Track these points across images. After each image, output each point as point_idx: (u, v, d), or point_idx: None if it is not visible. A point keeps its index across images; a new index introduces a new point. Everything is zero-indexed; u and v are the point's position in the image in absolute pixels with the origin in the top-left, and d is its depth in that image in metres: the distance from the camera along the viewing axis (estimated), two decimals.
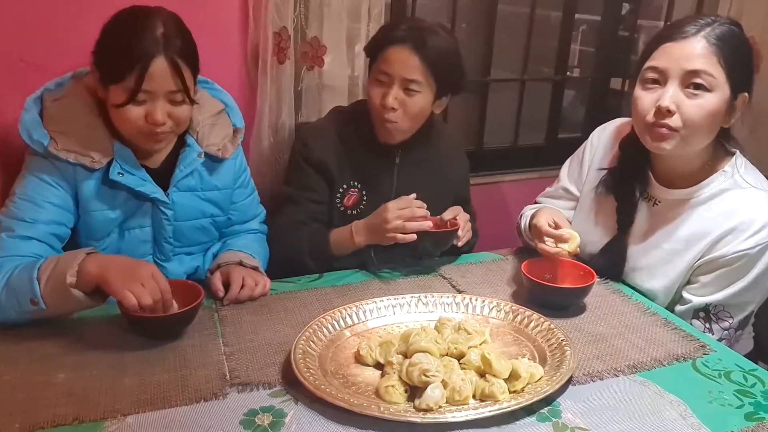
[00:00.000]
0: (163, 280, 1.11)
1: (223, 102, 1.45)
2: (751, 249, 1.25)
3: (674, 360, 1.13)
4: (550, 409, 0.99)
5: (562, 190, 1.59)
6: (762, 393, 1.05)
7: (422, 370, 0.99)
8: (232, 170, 1.44)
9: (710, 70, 1.20)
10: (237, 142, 1.43)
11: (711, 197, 1.30)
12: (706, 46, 1.21)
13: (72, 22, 1.22)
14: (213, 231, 1.46)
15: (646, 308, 1.31)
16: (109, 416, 0.94)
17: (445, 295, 1.28)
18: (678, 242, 1.33)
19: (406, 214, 1.36)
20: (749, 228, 1.25)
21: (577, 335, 1.20)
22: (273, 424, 0.94)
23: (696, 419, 0.97)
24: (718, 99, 1.22)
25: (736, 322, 1.30)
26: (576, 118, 2.77)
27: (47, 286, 1.10)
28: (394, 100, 1.44)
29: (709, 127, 1.25)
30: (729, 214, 1.28)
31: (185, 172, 1.34)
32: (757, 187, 1.29)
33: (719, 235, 1.28)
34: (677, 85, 1.23)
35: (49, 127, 1.23)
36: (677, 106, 1.22)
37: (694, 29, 1.23)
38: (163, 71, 1.18)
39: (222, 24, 1.73)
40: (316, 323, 1.15)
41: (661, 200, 1.37)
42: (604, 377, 1.07)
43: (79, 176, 1.25)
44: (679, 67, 1.22)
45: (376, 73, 1.47)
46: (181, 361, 1.08)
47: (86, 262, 1.10)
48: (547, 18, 2.54)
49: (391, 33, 1.46)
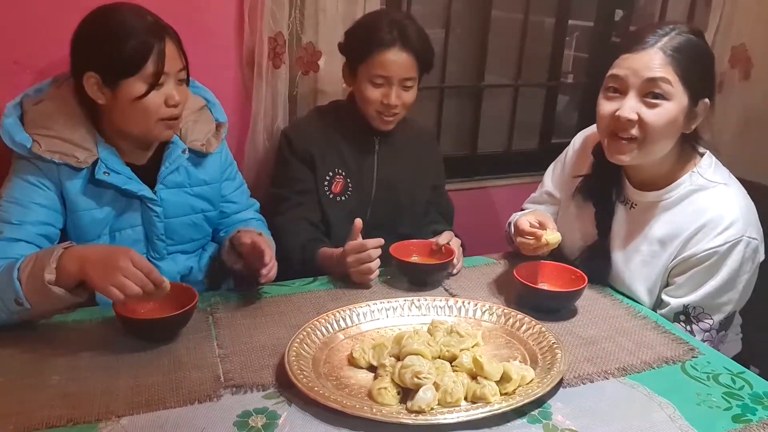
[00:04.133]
0: (143, 262, 1.09)
1: (204, 98, 1.48)
2: (720, 246, 1.26)
3: (663, 363, 1.15)
4: (541, 411, 1.00)
5: (545, 194, 1.62)
6: (750, 395, 1.06)
7: (414, 372, 1.00)
8: (218, 164, 1.47)
9: (667, 78, 1.23)
10: (220, 136, 1.46)
11: (682, 198, 1.33)
12: (662, 57, 1.23)
13: (67, 24, 1.22)
14: (205, 227, 1.48)
15: (636, 312, 1.33)
16: (103, 418, 0.94)
17: (437, 299, 1.29)
18: (654, 244, 1.35)
19: (363, 258, 1.35)
20: (718, 225, 1.27)
21: (568, 338, 1.21)
22: (266, 425, 0.95)
23: (684, 421, 0.99)
24: (676, 107, 1.24)
25: (716, 323, 1.31)
26: (569, 124, 2.79)
27: (28, 285, 1.10)
28: (396, 98, 1.56)
29: (669, 134, 1.27)
30: (699, 212, 1.30)
31: (171, 169, 1.36)
32: (726, 184, 1.31)
33: (690, 234, 1.30)
34: (636, 94, 1.25)
35: (30, 130, 1.24)
36: (637, 114, 1.25)
37: (652, 40, 1.24)
38: (173, 50, 1.25)
39: (218, 29, 1.74)
40: (310, 326, 1.16)
41: (637, 203, 1.39)
42: (594, 380, 1.09)
43: (63, 176, 1.26)
44: (637, 77, 1.24)
45: (371, 76, 1.55)
46: (176, 363, 1.09)
47: (64, 259, 1.10)
48: (541, 24, 2.55)
49: (379, 36, 1.53)
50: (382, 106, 1.57)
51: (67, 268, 1.09)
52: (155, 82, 1.22)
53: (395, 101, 1.56)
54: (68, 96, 1.28)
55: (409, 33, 1.54)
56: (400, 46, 1.53)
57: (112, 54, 1.21)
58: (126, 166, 1.31)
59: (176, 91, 1.26)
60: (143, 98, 1.22)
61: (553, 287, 1.35)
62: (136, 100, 1.22)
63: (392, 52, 1.53)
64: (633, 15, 2.65)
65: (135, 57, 1.20)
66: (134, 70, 1.21)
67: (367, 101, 1.58)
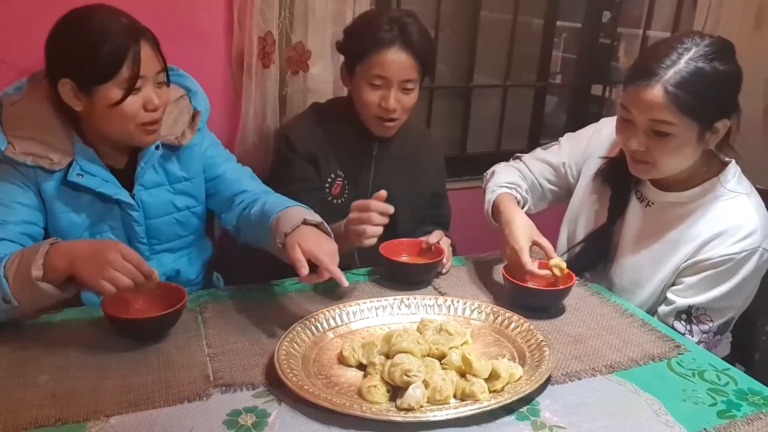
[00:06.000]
0: (132, 254, 1.09)
1: (185, 87, 1.42)
2: (737, 254, 1.27)
3: (650, 360, 1.16)
4: (529, 408, 1.01)
5: (562, 165, 1.56)
6: (734, 391, 1.08)
7: (404, 370, 1.01)
8: (198, 156, 1.42)
9: (668, 119, 1.20)
10: (196, 126, 1.38)
11: (702, 203, 1.33)
12: (663, 95, 1.19)
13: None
14: (193, 223, 1.45)
15: (624, 310, 1.34)
16: (91, 417, 0.94)
17: (427, 297, 1.30)
18: (667, 243, 1.35)
19: (363, 219, 1.31)
20: (737, 233, 1.27)
21: (557, 336, 1.22)
22: (256, 424, 0.95)
23: (670, 417, 1.00)
24: (683, 140, 1.23)
25: (715, 326, 1.33)
26: (558, 124, 2.81)
27: (15, 282, 1.09)
28: (395, 102, 1.49)
29: (683, 157, 1.27)
30: (718, 219, 1.30)
31: (146, 168, 1.33)
32: (748, 195, 1.32)
33: (707, 239, 1.30)
34: (642, 128, 1.25)
35: (7, 131, 1.21)
36: (646, 147, 1.25)
37: (657, 73, 1.19)
38: (149, 53, 1.21)
39: (207, 28, 1.74)
40: (300, 325, 1.16)
41: (655, 202, 1.39)
42: (582, 377, 1.10)
43: (39, 178, 1.24)
44: (641, 115, 1.24)
45: (370, 77, 1.48)
46: (165, 362, 1.09)
47: (51, 255, 1.09)
48: (530, 25, 2.58)
49: (378, 35, 1.46)
50: (380, 110, 1.50)
51: (54, 264, 1.08)
52: (131, 87, 1.19)
53: (394, 105, 1.48)
54: (44, 96, 1.25)
55: (410, 31, 1.46)
56: (400, 45, 1.45)
57: (86, 60, 1.17)
58: (104, 167, 1.28)
59: (155, 95, 1.22)
60: (120, 104, 1.19)
61: (542, 286, 1.36)
62: (113, 106, 1.19)
63: (391, 52, 1.45)
64: (620, 17, 2.68)
65: (109, 62, 1.16)
66: (109, 76, 1.17)
67: (364, 104, 1.51)
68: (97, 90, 1.19)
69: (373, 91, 1.49)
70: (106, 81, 1.18)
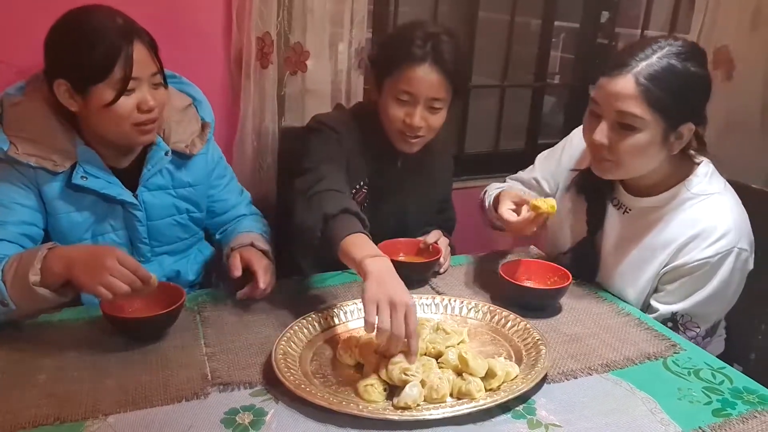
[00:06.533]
0: (129, 259, 1.09)
1: (191, 95, 1.43)
2: (711, 257, 1.26)
3: (646, 359, 1.16)
4: (525, 406, 1.02)
5: (533, 179, 1.62)
6: (730, 390, 1.08)
7: (402, 368, 1.01)
8: (204, 165, 1.44)
9: (636, 112, 1.20)
10: (205, 137, 1.41)
11: (675, 206, 1.32)
12: (634, 86, 1.19)
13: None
14: (192, 227, 1.46)
15: (620, 309, 1.35)
16: (90, 416, 0.95)
17: (424, 297, 1.31)
18: (646, 250, 1.35)
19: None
20: (710, 236, 1.27)
21: (553, 335, 1.23)
22: (253, 422, 0.95)
23: (665, 415, 1.01)
24: (648, 136, 1.22)
25: (703, 331, 1.33)
26: (556, 124, 2.82)
27: (13, 286, 1.09)
28: (420, 120, 1.43)
29: (644, 158, 1.26)
30: (692, 221, 1.29)
31: (153, 171, 1.34)
32: (721, 193, 1.31)
33: (682, 243, 1.30)
34: (608, 121, 1.24)
35: (8, 131, 1.22)
36: (609, 140, 1.25)
37: (629, 64, 1.20)
38: (143, 54, 1.20)
39: (206, 29, 1.75)
40: (297, 324, 1.17)
41: (632, 208, 1.39)
42: (578, 376, 1.10)
43: (41, 180, 1.24)
44: (609, 105, 1.23)
45: (397, 92, 1.42)
46: (163, 361, 1.10)
47: (49, 260, 1.09)
48: (528, 25, 2.58)
49: (410, 50, 1.39)
50: (405, 126, 1.43)
51: (52, 268, 1.09)
52: (123, 88, 1.18)
53: (419, 122, 1.42)
54: (45, 97, 1.25)
55: (443, 49, 1.39)
56: (431, 62, 1.38)
57: (80, 60, 1.17)
58: (107, 169, 1.28)
59: (150, 96, 1.22)
60: (113, 104, 1.19)
61: (538, 285, 1.36)
62: (107, 106, 1.19)
63: (422, 69, 1.38)
64: (618, 17, 2.69)
65: (102, 63, 1.16)
66: (102, 76, 1.17)
67: (389, 119, 1.45)
68: (91, 90, 1.18)
69: (399, 107, 1.43)
70: (99, 81, 1.17)
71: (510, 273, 1.35)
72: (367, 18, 1.92)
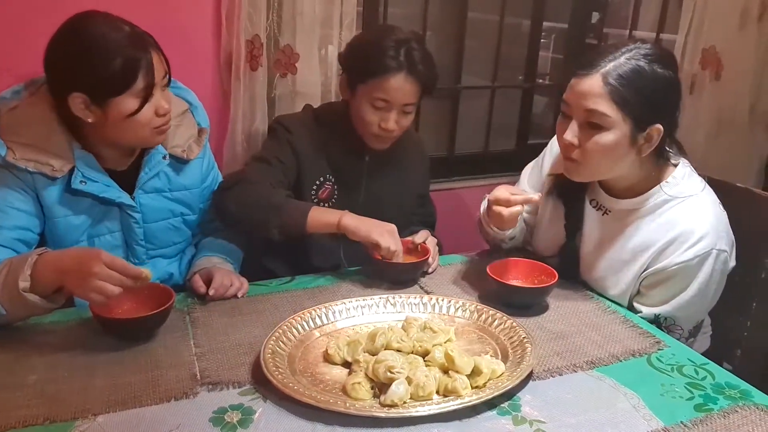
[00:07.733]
0: (116, 261, 1.10)
1: (187, 101, 1.45)
2: (690, 260, 1.27)
3: (630, 355, 1.18)
4: (511, 403, 1.03)
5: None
6: (711, 386, 1.10)
7: (388, 366, 1.02)
8: (199, 170, 1.46)
9: (603, 110, 1.22)
10: (202, 142, 1.43)
11: (654, 208, 1.33)
12: (601, 86, 1.21)
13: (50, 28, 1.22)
14: (185, 230, 1.47)
15: (606, 307, 1.36)
16: (80, 416, 0.96)
17: (412, 296, 1.32)
18: (626, 252, 1.36)
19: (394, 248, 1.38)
20: (689, 239, 1.27)
21: (539, 333, 1.25)
22: (242, 421, 0.96)
23: (648, 410, 1.02)
24: (616, 136, 1.23)
25: (686, 332, 1.35)
26: (546, 124, 2.84)
27: (3, 292, 1.10)
28: (394, 123, 1.50)
29: (612, 158, 1.27)
30: (671, 224, 1.30)
31: (150, 175, 1.35)
32: (697, 195, 1.31)
33: (661, 247, 1.30)
34: (578, 121, 1.26)
35: (5, 137, 1.22)
36: (579, 140, 1.26)
37: (598, 64, 1.23)
38: (157, 60, 1.23)
39: (195, 31, 1.76)
40: (286, 324, 1.18)
41: (611, 210, 1.39)
42: (563, 373, 1.12)
43: (39, 185, 1.24)
44: (578, 105, 1.25)
45: (372, 99, 1.48)
46: (153, 361, 1.10)
47: (39, 266, 1.09)
48: (517, 26, 2.60)
49: (384, 61, 1.45)
50: (380, 130, 1.50)
51: (42, 275, 1.09)
52: (148, 96, 1.20)
53: (393, 126, 1.49)
54: (43, 102, 1.25)
55: (416, 59, 1.46)
56: (406, 72, 1.45)
57: (99, 73, 1.17)
58: (104, 172, 1.29)
59: (164, 99, 1.25)
60: (137, 113, 1.21)
61: (525, 283, 1.38)
62: (129, 116, 1.20)
63: (396, 79, 1.45)
64: (606, 17, 2.71)
65: (124, 74, 1.17)
66: (124, 87, 1.18)
67: (364, 123, 1.51)
68: (111, 102, 1.19)
69: (374, 112, 1.49)
70: (121, 92, 1.19)
71: (497, 272, 1.36)
72: (356, 20, 1.93)
